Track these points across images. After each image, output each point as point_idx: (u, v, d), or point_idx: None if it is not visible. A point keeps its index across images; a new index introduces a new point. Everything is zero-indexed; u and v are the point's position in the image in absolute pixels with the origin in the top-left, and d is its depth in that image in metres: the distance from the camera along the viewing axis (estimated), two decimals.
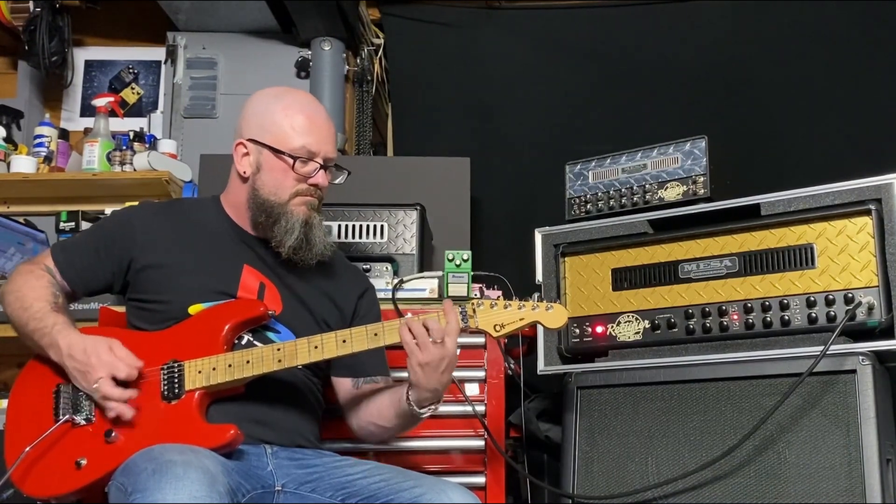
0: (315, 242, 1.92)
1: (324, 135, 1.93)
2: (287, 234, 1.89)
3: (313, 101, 2.01)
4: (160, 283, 1.89)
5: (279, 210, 1.90)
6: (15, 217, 3.08)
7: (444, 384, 1.79)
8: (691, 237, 2.20)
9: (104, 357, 1.72)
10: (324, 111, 1.99)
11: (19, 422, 1.81)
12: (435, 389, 1.78)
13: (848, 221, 2.02)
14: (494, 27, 3.43)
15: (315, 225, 1.93)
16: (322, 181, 1.93)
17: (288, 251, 1.90)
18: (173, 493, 1.47)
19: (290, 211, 1.90)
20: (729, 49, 3.20)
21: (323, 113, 1.98)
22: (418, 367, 1.75)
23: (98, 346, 1.74)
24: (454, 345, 1.76)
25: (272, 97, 1.96)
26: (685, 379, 2.10)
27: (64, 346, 1.75)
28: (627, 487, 2.08)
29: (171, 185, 3.12)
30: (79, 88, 3.67)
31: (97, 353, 1.73)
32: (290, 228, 1.89)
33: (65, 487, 1.72)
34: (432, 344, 1.73)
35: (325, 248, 1.94)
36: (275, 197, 1.90)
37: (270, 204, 1.90)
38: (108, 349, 1.74)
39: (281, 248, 1.90)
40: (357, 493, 1.75)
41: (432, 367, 1.74)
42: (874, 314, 1.94)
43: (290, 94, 1.98)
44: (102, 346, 1.74)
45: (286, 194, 1.90)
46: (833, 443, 1.90)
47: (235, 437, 1.70)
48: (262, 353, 1.79)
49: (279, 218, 1.90)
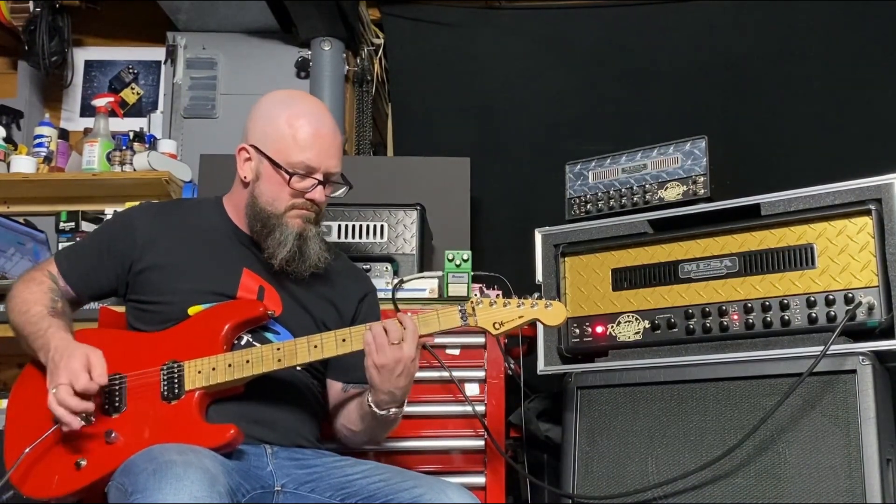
0: (309, 255, 1.90)
1: (325, 149, 1.89)
2: (280, 246, 1.87)
3: (321, 111, 1.95)
4: (160, 285, 1.88)
5: (274, 221, 1.89)
6: (15, 217, 3.08)
7: (402, 388, 1.78)
8: (691, 237, 2.20)
9: (72, 365, 1.70)
10: (331, 123, 1.94)
11: (19, 423, 1.81)
12: (391, 392, 1.78)
13: (848, 221, 2.02)
14: (494, 27, 3.44)
15: (310, 237, 1.90)
16: (319, 197, 1.90)
17: (280, 263, 1.88)
18: (173, 493, 1.46)
19: (285, 223, 1.88)
20: (729, 49, 3.20)
21: (329, 125, 1.93)
22: (374, 369, 1.76)
23: (75, 353, 1.72)
24: (412, 350, 1.75)
25: (280, 104, 1.93)
26: (685, 379, 2.10)
27: (52, 348, 1.75)
28: (627, 487, 2.08)
29: (171, 185, 3.12)
30: (79, 88, 3.67)
31: (70, 359, 1.71)
32: (284, 241, 1.87)
33: (65, 488, 1.72)
34: (389, 346, 1.74)
35: (319, 261, 1.91)
36: (271, 207, 1.89)
37: (267, 214, 1.89)
38: (83, 358, 1.71)
39: (273, 259, 1.88)
40: (357, 494, 1.75)
41: (388, 369, 1.75)
42: (874, 314, 1.94)
43: (298, 103, 1.93)
44: (78, 355, 1.72)
45: (282, 206, 1.89)
46: (833, 443, 1.90)
47: (235, 437, 1.70)
48: (262, 352, 1.79)
49: (273, 229, 1.88)
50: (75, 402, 1.68)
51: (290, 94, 1.98)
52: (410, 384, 1.80)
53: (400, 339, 1.75)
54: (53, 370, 1.71)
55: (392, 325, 1.76)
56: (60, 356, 1.72)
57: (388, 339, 1.74)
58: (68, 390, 1.68)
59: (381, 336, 1.75)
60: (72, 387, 1.68)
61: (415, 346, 1.76)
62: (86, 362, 1.71)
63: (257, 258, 1.94)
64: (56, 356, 1.73)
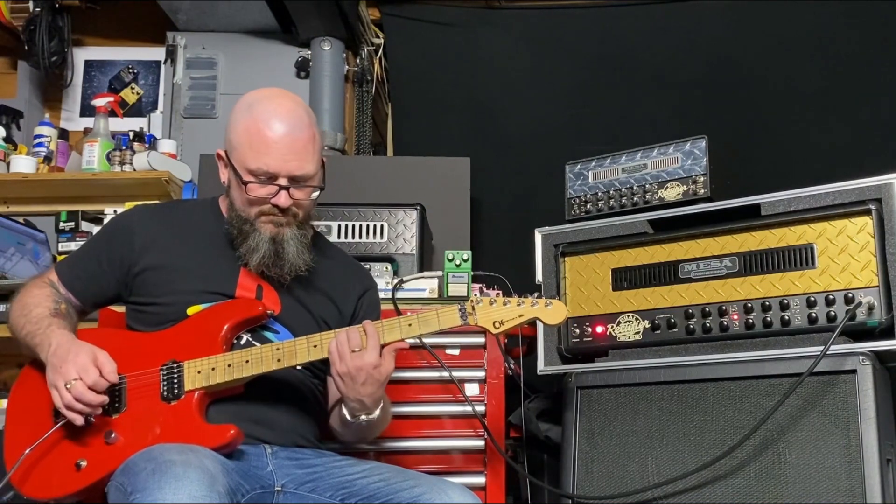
0: (287, 258, 1.85)
1: (285, 153, 1.81)
2: (252, 252, 1.84)
3: (288, 112, 1.84)
4: (158, 286, 1.88)
5: (247, 227, 1.85)
6: (15, 217, 3.08)
7: (369, 395, 1.76)
8: (691, 237, 2.20)
9: (80, 360, 1.70)
10: (296, 123, 1.83)
11: (19, 423, 1.80)
12: (358, 400, 1.77)
13: (848, 221, 2.02)
14: (494, 27, 3.44)
15: (286, 240, 1.85)
16: (283, 202, 1.82)
17: (256, 268, 1.85)
18: (173, 492, 1.46)
19: (257, 228, 1.85)
20: (729, 49, 3.20)
21: (293, 127, 1.82)
22: (337, 377, 1.75)
23: (82, 349, 1.73)
24: (373, 357, 1.73)
25: (244, 109, 1.86)
26: (685, 379, 2.10)
27: (53, 344, 1.75)
28: (627, 487, 2.08)
29: (171, 185, 3.12)
30: (78, 88, 3.68)
31: (78, 355, 1.71)
32: (256, 247, 1.84)
33: (65, 489, 1.71)
34: (350, 354, 1.73)
35: (301, 264, 1.87)
36: (244, 213, 1.86)
37: (241, 219, 1.86)
38: (91, 354, 1.72)
39: (249, 266, 1.86)
40: (357, 493, 1.75)
41: (350, 377, 1.73)
42: (874, 314, 1.94)
43: (262, 105, 1.85)
44: (86, 351, 1.73)
45: (252, 212, 1.85)
46: (833, 443, 1.90)
47: (235, 437, 1.70)
48: (262, 352, 1.79)
49: (248, 235, 1.85)
50: (91, 395, 1.69)
51: (256, 97, 1.88)
52: (380, 390, 1.78)
53: (360, 347, 1.73)
54: (58, 365, 1.71)
55: (353, 332, 1.75)
56: (66, 351, 1.72)
57: (348, 348, 1.73)
58: (84, 385, 1.68)
59: (343, 345, 1.73)
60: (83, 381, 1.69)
61: (376, 353, 1.73)
62: (94, 359, 1.71)
63: None
64: (60, 351, 1.73)
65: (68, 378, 1.69)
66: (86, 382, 1.68)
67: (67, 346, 1.74)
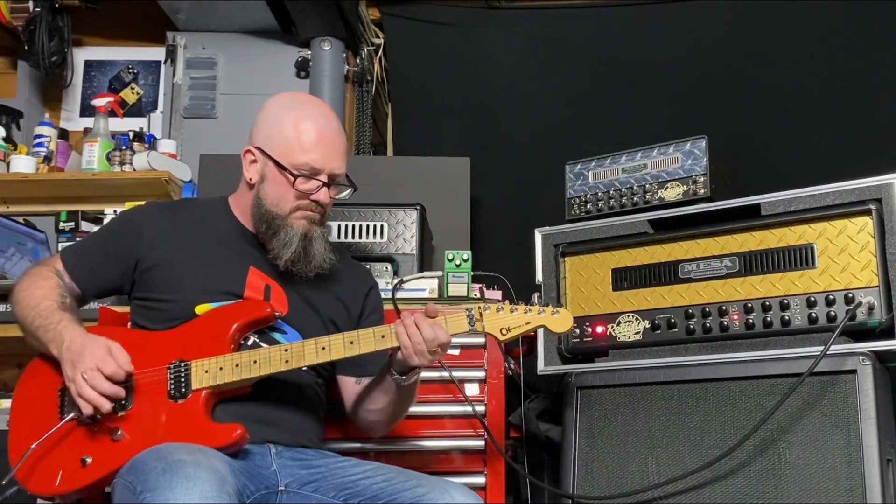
0: (314, 256, 1.91)
1: (331, 151, 1.92)
2: (285, 247, 1.89)
3: (327, 113, 1.98)
4: (167, 282, 1.89)
5: (280, 222, 1.90)
6: (14, 217, 3.08)
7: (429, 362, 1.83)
8: (691, 237, 2.20)
9: (96, 352, 1.73)
10: (335, 125, 1.96)
11: (24, 419, 1.81)
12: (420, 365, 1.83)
13: (848, 221, 2.02)
14: (494, 27, 3.44)
15: (315, 238, 1.92)
16: (324, 198, 1.92)
17: (285, 264, 1.90)
18: (184, 492, 1.47)
19: (289, 224, 1.90)
20: (729, 49, 3.20)
21: (334, 127, 1.95)
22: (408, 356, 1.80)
23: (97, 342, 1.75)
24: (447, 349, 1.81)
25: (285, 107, 1.95)
26: (685, 379, 2.11)
27: (66, 340, 1.76)
28: (627, 487, 2.08)
29: (171, 185, 3.12)
30: (78, 88, 3.67)
31: (94, 347, 1.74)
32: (289, 242, 1.89)
33: (69, 485, 1.72)
34: (428, 351, 1.77)
35: (324, 262, 1.93)
36: (276, 209, 1.91)
37: (272, 215, 1.90)
38: (105, 346, 1.74)
39: (278, 260, 1.90)
40: (360, 494, 1.75)
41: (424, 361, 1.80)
42: (874, 314, 1.94)
43: (303, 106, 1.96)
44: (101, 343, 1.75)
45: (287, 207, 1.90)
46: (833, 443, 1.90)
47: (242, 437, 1.70)
48: (270, 353, 1.79)
49: (278, 230, 1.90)
50: (107, 385, 1.70)
51: (295, 98, 2.00)
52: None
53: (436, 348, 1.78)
54: (75, 360, 1.72)
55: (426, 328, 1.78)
56: (82, 345, 1.74)
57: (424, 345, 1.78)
58: (100, 374, 1.70)
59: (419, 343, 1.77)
60: (100, 371, 1.70)
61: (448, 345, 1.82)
62: (108, 350, 1.73)
63: (263, 257, 1.94)
64: (74, 346, 1.74)
65: (86, 368, 1.70)
66: (104, 372, 1.70)
67: (82, 340, 1.76)
